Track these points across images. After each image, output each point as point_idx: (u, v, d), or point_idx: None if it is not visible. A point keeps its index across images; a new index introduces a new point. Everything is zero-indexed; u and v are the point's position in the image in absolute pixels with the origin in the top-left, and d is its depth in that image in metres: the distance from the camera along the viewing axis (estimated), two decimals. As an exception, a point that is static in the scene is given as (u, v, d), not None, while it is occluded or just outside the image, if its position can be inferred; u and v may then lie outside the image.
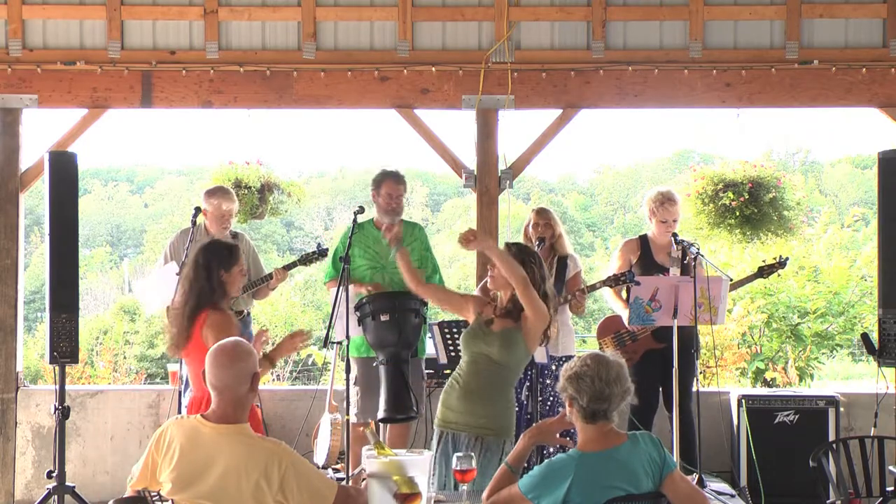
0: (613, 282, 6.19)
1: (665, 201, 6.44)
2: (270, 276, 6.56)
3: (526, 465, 3.84)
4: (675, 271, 6.32)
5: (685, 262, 6.28)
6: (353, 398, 6.01)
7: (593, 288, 6.28)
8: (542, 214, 6.36)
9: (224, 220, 6.62)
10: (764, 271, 6.56)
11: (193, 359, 4.57)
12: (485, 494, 3.67)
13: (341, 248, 6.09)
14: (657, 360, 6.28)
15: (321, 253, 6.53)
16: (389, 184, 6.21)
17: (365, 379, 6.03)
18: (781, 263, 6.54)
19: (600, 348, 6.49)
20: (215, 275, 4.58)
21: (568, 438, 3.95)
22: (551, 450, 5.89)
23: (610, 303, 6.63)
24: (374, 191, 6.27)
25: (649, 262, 6.47)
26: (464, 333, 4.70)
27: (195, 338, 4.52)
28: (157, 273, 6.68)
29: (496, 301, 4.69)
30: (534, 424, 4.10)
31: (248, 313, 6.80)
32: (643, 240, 6.59)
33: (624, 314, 6.32)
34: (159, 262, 6.82)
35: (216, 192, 6.69)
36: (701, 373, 8.50)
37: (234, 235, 6.71)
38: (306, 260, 6.59)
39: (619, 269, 6.49)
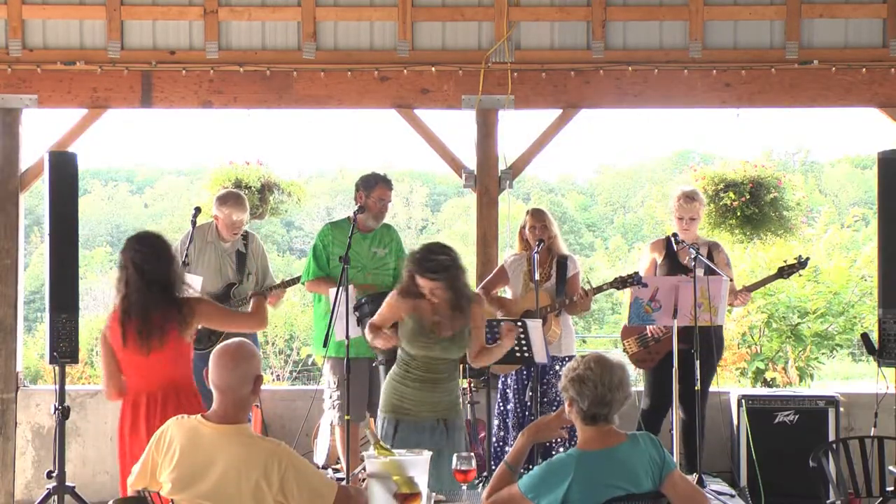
0: (620, 284, 6.14)
1: (683, 198, 6.43)
2: (271, 289, 6.56)
3: (528, 466, 3.84)
4: (698, 272, 6.26)
5: (712, 263, 6.23)
6: (335, 399, 6.12)
7: (599, 290, 6.24)
8: (537, 216, 6.26)
9: (235, 227, 6.58)
10: (784, 272, 6.48)
11: None
12: (484, 494, 3.67)
13: (320, 246, 6.23)
14: (679, 362, 6.11)
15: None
16: (383, 188, 6.24)
17: (341, 379, 6.03)
18: (802, 264, 6.44)
19: (624, 349, 6.51)
20: None
21: (566, 430, 3.96)
22: (554, 447, 5.89)
23: None
24: (363, 192, 6.24)
25: (674, 263, 6.44)
26: (408, 335, 4.74)
27: None
28: None
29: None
30: (531, 422, 4.09)
31: None
32: (669, 241, 6.51)
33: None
34: None
35: (228, 201, 6.55)
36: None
37: (246, 236, 6.70)
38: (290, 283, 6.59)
39: (648, 267, 6.51)
